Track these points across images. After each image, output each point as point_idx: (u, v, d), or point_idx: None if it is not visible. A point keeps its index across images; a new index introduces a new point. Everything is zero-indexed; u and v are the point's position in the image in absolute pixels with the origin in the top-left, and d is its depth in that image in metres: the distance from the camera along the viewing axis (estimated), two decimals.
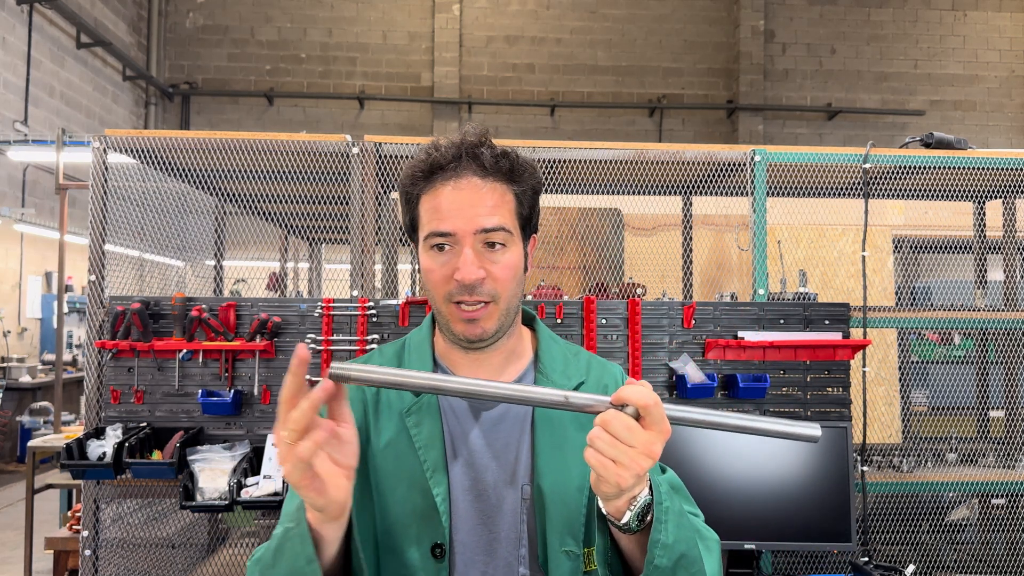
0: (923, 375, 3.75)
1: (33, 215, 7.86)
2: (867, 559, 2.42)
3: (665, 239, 3.13)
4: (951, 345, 3.89)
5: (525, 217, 1.12)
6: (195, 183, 2.74)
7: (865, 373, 2.62)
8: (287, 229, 3.92)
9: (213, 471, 2.21)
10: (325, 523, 0.91)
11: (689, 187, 3.11)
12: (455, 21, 11.12)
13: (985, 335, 3.37)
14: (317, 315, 2.39)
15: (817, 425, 0.90)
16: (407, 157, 2.45)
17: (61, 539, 3.66)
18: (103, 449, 2.25)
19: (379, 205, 2.52)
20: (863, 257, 2.67)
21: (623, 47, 11.36)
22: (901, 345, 3.68)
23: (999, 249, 3.27)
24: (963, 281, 3.50)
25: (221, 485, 2.19)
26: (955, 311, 2.75)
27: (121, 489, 2.39)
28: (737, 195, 2.71)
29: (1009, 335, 2.96)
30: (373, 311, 2.39)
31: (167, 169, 2.66)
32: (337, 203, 3.15)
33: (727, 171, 2.73)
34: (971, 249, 3.38)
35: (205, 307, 2.35)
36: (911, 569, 2.31)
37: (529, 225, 1.13)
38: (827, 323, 2.48)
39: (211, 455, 2.25)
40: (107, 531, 2.41)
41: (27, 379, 7.87)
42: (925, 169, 2.70)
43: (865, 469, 2.54)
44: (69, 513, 4.03)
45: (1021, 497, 2.86)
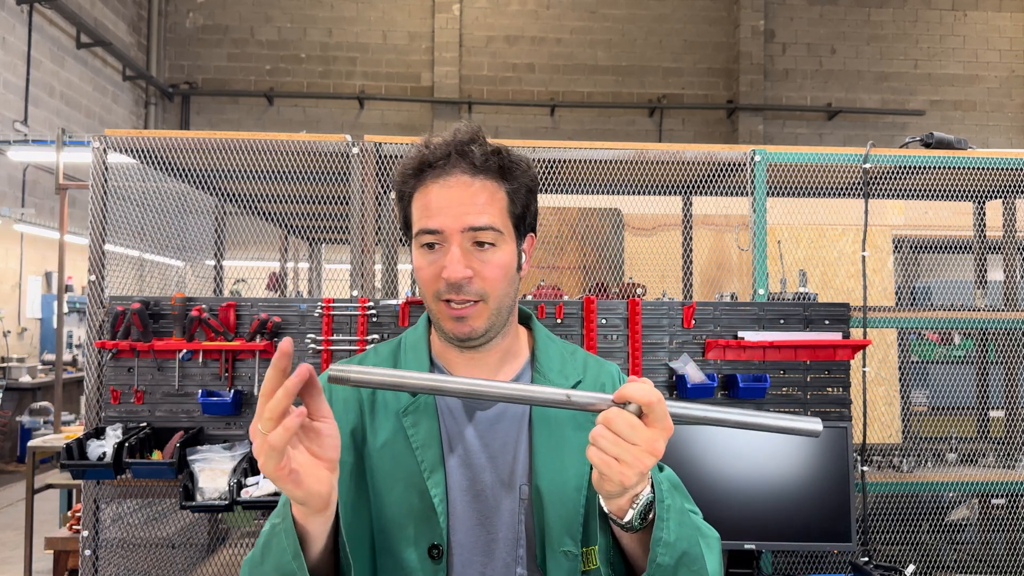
0: (923, 375, 3.75)
1: (33, 215, 7.86)
2: (867, 559, 2.42)
3: (665, 239, 3.13)
4: (951, 345, 3.89)
5: (518, 216, 1.10)
6: (195, 183, 2.74)
7: (865, 373, 2.62)
8: (287, 229, 3.92)
9: (213, 471, 2.21)
10: (309, 517, 0.89)
11: (689, 187, 3.11)
12: (455, 21, 11.12)
13: (985, 335, 3.37)
14: (317, 315, 2.39)
15: (818, 420, 0.90)
16: None
17: (61, 539, 3.66)
18: (103, 449, 2.25)
19: (379, 205, 2.52)
20: (863, 257, 2.67)
21: (623, 47, 11.36)
22: (901, 345, 3.68)
23: (999, 249, 3.27)
24: (963, 281, 3.50)
25: (221, 485, 2.19)
26: (955, 311, 2.75)
27: (121, 489, 2.39)
28: (737, 195, 2.71)
29: (1009, 335, 2.96)
30: (373, 311, 2.39)
31: (167, 169, 2.67)
32: (337, 203, 3.15)
33: (727, 171, 2.73)
34: (971, 249, 3.38)
35: (205, 307, 2.35)
36: (911, 569, 2.31)
37: (523, 224, 1.12)
38: (827, 323, 2.48)
39: (211, 455, 2.25)
40: (107, 531, 2.41)
41: (27, 379, 7.87)
42: (925, 169, 2.70)
43: (865, 469, 2.54)
44: (69, 513, 4.03)
45: (1021, 497, 2.86)
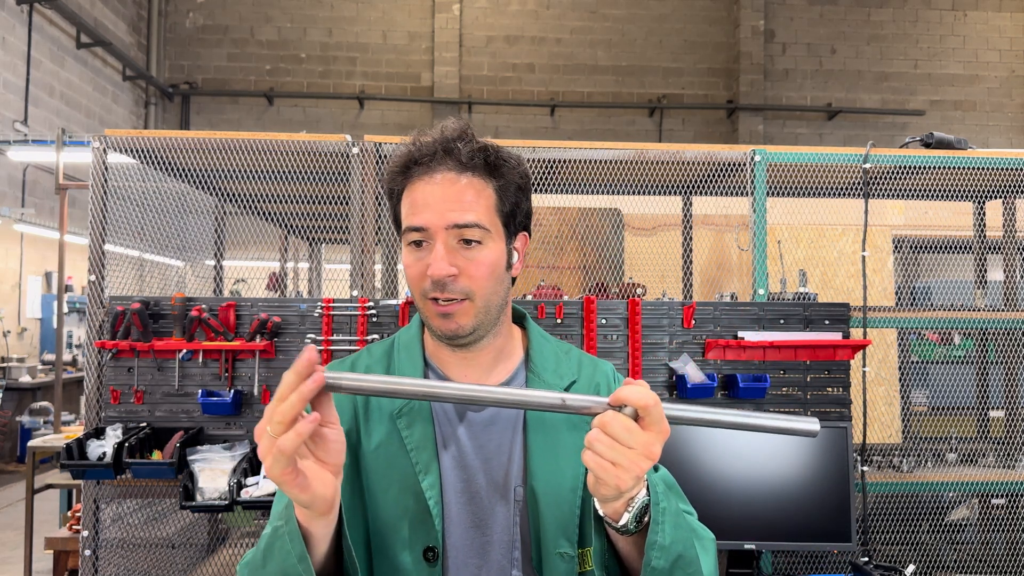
0: (923, 375, 3.75)
1: (33, 215, 7.86)
2: (867, 559, 2.42)
3: (665, 239, 3.13)
4: (951, 345, 3.89)
5: (507, 214, 1.08)
6: (195, 183, 2.74)
7: (865, 373, 2.61)
8: (287, 229, 3.92)
9: (213, 471, 2.21)
10: (314, 520, 0.89)
11: (689, 187, 3.11)
12: (455, 21, 11.12)
13: (985, 335, 3.37)
14: (317, 315, 2.39)
15: (815, 420, 0.90)
16: None
17: (61, 539, 3.66)
18: (103, 449, 2.25)
19: (379, 205, 2.52)
20: (863, 257, 2.67)
21: (623, 47, 11.36)
22: (901, 345, 3.68)
23: (999, 249, 3.27)
24: (963, 281, 3.50)
25: (221, 485, 2.19)
26: (955, 311, 2.75)
27: (121, 489, 2.39)
28: (737, 195, 2.71)
29: (1009, 335, 2.96)
30: (373, 311, 2.39)
31: (167, 169, 2.66)
32: (337, 203, 3.15)
33: (727, 171, 2.73)
34: (971, 249, 3.38)
35: (205, 307, 2.35)
36: (911, 569, 2.31)
37: (514, 222, 1.10)
38: (827, 323, 2.48)
39: (211, 455, 2.25)
40: (107, 531, 2.40)
41: (27, 379, 7.87)
42: (925, 169, 2.70)
43: (865, 469, 2.54)
44: (69, 513, 4.03)
45: (1021, 497, 2.86)
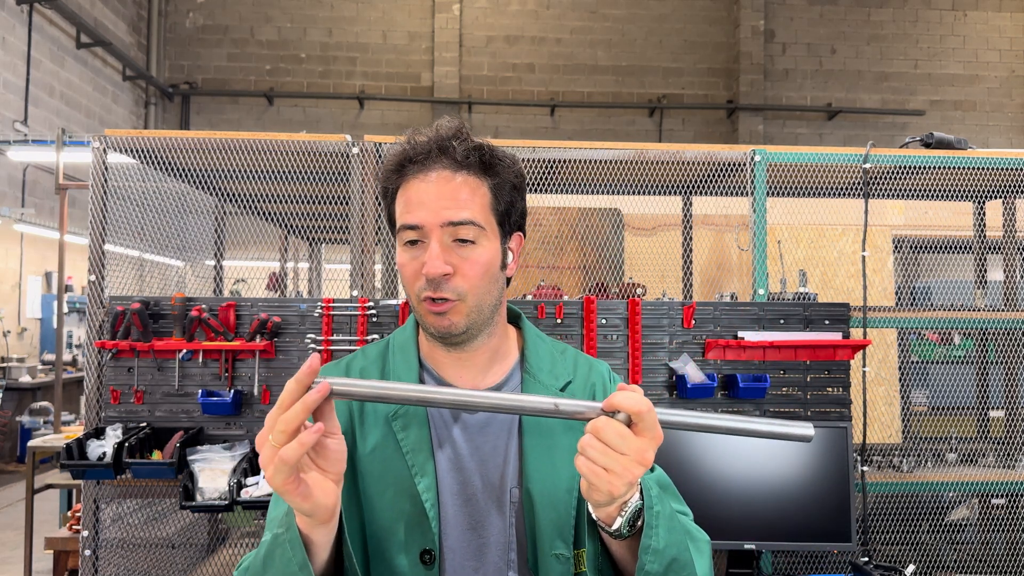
0: (923, 375, 3.75)
1: (33, 215, 7.86)
2: (867, 559, 2.42)
3: (665, 239, 3.13)
4: (951, 345, 3.89)
5: (502, 213, 1.08)
6: (195, 183, 2.74)
7: (865, 373, 2.62)
8: (287, 229, 3.92)
9: (213, 471, 2.21)
10: (315, 527, 0.89)
11: (689, 187, 3.11)
12: (455, 21, 11.12)
13: (985, 335, 3.37)
14: (317, 315, 2.39)
15: (809, 424, 0.89)
16: None
17: (61, 539, 3.66)
18: (103, 449, 2.25)
19: (379, 205, 2.51)
20: (863, 257, 2.67)
21: (623, 47, 11.36)
22: (901, 345, 3.68)
23: (999, 249, 3.27)
24: (963, 281, 3.50)
25: (221, 485, 2.19)
26: (955, 311, 2.75)
27: (121, 489, 2.39)
28: (737, 195, 2.71)
29: (1009, 335, 2.96)
30: (373, 311, 2.39)
31: (167, 169, 2.66)
32: (337, 203, 3.15)
33: (727, 171, 2.73)
34: (971, 249, 3.38)
35: (205, 307, 2.35)
36: (911, 569, 2.31)
37: (508, 221, 1.09)
38: (827, 323, 2.48)
39: (211, 455, 2.25)
40: (107, 531, 2.40)
41: (27, 379, 7.87)
42: (925, 169, 2.70)
43: (865, 469, 2.54)
44: (69, 513, 4.03)
45: (1021, 497, 2.86)
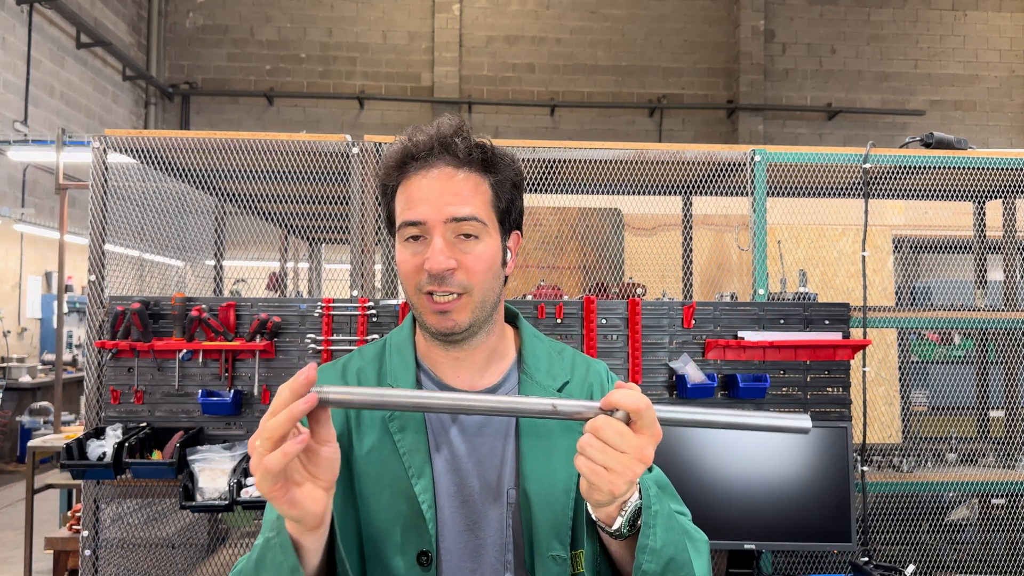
0: (923, 375, 3.75)
1: (33, 215, 7.86)
2: (867, 559, 2.42)
3: (665, 239, 3.13)
4: (951, 345, 3.89)
5: (503, 210, 1.08)
6: (195, 183, 2.74)
7: (865, 373, 2.61)
8: (287, 229, 3.92)
9: (213, 471, 2.21)
10: (304, 533, 0.89)
11: (689, 187, 3.11)
12: (455, 21, 11.12)
13: (985, 335, 3.37)
14: (317, 315, 2.39)
15: (806, 417, 0.89)
16: None
17: (61, 539, 3.66)
18: (103, 449, 2.25)
19: (379, 205, 2.51)
20: (863, 257, 2.67)
21: (623, 47, 11.36)
22: (901, 345, 3.68)
23: (999, 249, 3.27)
24: (963, 281, 3.50)
25: (221, 485, 2.19)
26: (955, 311, 2.75)
27: (121, 489, 2.39)
28: (737, 195, 2.71)
29: (1009, 335, 2.96)
30: (373, 311, 2.39)
31: (167, 169, 2.66)
32: (337, 203, 3.15)
33: (727, 171, 2.73)
34: (971, 249, 3.38)
35: (205, 307, 2.35)
36: (911, 569, 2.31)
37: (508, 219, 1.10)
38: (827, 323, 2.48)
39: (211, 455, 2.25)
40: (107, 531, 2.40)
41: (27, 379, 7.87)
42: (925, 169, 2.70)
43: (865, 469, 2.54)
44: (69, 513, 4.03)
45: (1021, 497, 2.86)
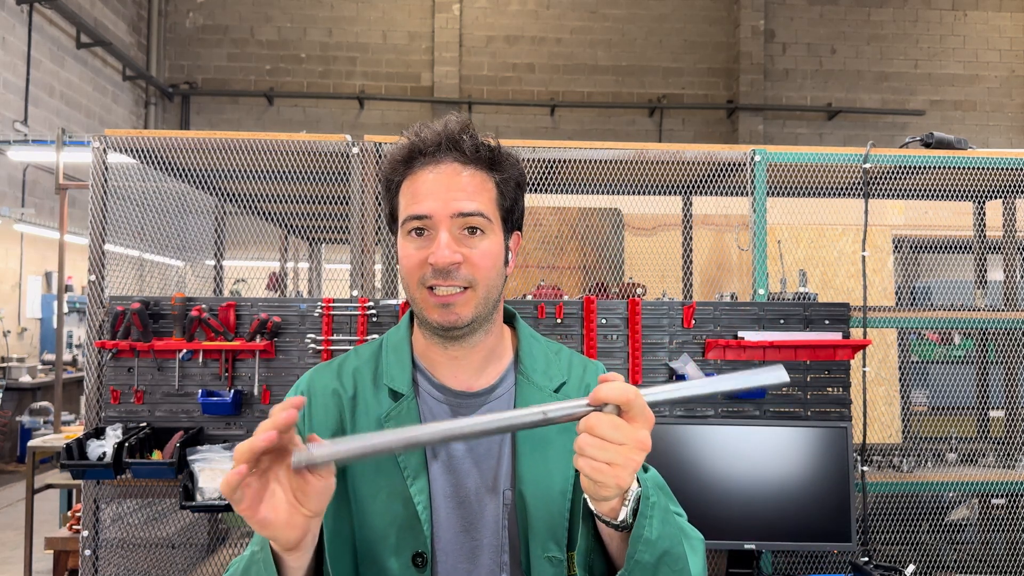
0: (923, 375, 3.75)
1: (33, 215, 7.87)
2: (867, 559, 2.42)
3: (665, 239, 3.13)
4: (951, 345, 3.89)
5: (507, 209, 1.09)
6: (195, 183, 2.74)
7: (865, 373, 2.61)
8: (287, 229, 3.92)
9: (213, 471, 2.21)
10: (285, 552, 0.88)
11: (689, 187, 3.11)
12: (455, 21, 11.12)
13: (985, 335, 3.37)
14: (317, 315, 2.39)
15: (780, 366, 0.88)
16: None
17: (61, 539, 3.66)
18: (103, 449, 2.25)
19: (379, 205, 2.52)
20: (863, 257, 2.67)
21: (623, 47, 11.36)
22: (901, 345, 3.68)
23: (999, 249, 3.27)
24: (963, 281, 3.49)
25: None
26: (955, 311, 2.75)
27: (121, 489, 2.39)
28: (737, 195, 2.71)
29: (1009, 335, 2.96)
30: (373, 311, 2.39)
31: (167, 169, 2.66)
32: (337, 203, 3.15)
33: (727, 171, 2.73)
34: (971, 249, 3.38)
35: (205, 307, 2.35)
36: (911, 569, 2.31)
37: (511, 218, 1.11)
38: (827, 323, 2.48)
39: (211, 455, 2.25)
40: (107, 531, 2.41)
41: (27, 379, 7.87)
42: (925, 169, 2.70)
43: (865, 469, 2.54)
44: (69, 513, 4.03)
45: (1021, 497, 2.86)
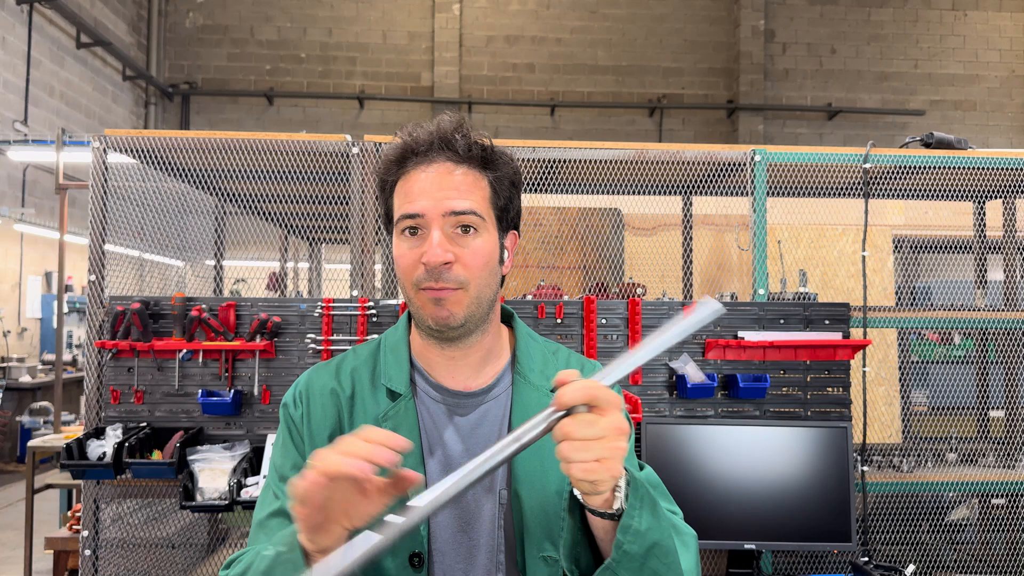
0: (923, 375, 3.75)
1: (33, 215, 7.87)
2: (867, 559, 2.42)
3: (665, 239, 3.13)
4: (951, 345, 3.89)
5: (501, 207, 1.09)
6: (195, 183, 2.74)
7: (865, 373, 2.61)
8: (287, 229, 3.92)
9: (213, 471, 2.21)
10: (318, 553, 0.88)
11: (689, 187, 3.11)
12: (455, 21, 11.12)
13: (985, 335, 3.37)
14: (317, 315, 2.39)
15: (708, 297, 0.92)
16: None
17: (61, 539, 3.66)
18: (103, 449, 2.25)
19: (378, 205, 2.52)
20: (863, 257, 2.67)
21: (623, 47, 11.36)
22: (901, 345, 3.68)
23: (999, 249, 3.27)
24: (963, 281, 3.49)
25: (221, 485, 2.19)
26: (955, 311, 2.75)
27: (121, 489, 2.39)
28: (737, 195, 2.71)
29: (1009, 335, 2.96)
30: (373, 311, 2.39)
31: (167, 169, 2.66)
32: (337, 203, 3.15)
33: (727, 171, 2.73)
34: (971, 249, 3.38)
35: (205, 307, 2.35)
36: (911, 569, 2.31)
37: (506, 217, 1.10)
38: (827, 323, 2.48)
39: (211, 455, 2.25)
40: (107, 531, 2.41)
41: (27, 379, 7.87)
42: (925, 169, 2.70)
43: (865, 469, 2.54)
44: (69, 513, 4.03)
45: (1021, 497, 2.86)
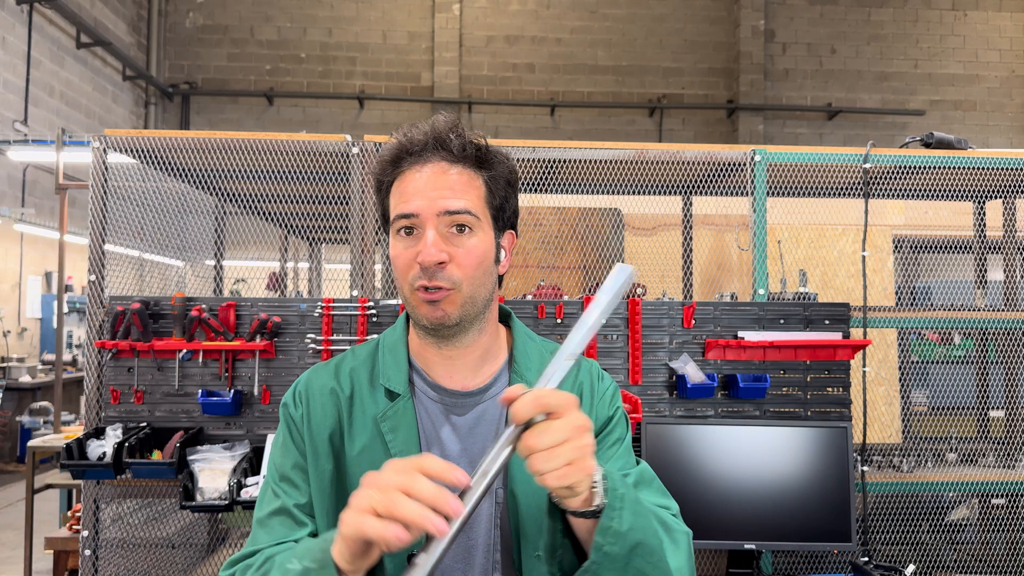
0: (923, 375, 3.75)
1: (33, 215, 7.87)
2: (867, 559, 2.42)
3: (665, 239, 3.13)
4: (951, 345, 3.89)
5: (497, 207, 1.09)
6: (195, 183, 2.74)
7: (865, 373, 2.62)
8: (287, 229, 3.92)
9: (213, 471, 2.21)
10: (352, 573, 0.89)
11: (689, 187, 3.11)
12: (455, 21, 11.12)
13: (985, 335, 3.37)
14: (317, 315, 2.39)
15: (620, 264, 0.95)
16: None
17: (61, 539, 3.66)
18: (103, 449, 2.25)
19: (376, 205, 2.52)
20: (863, 257, 2.67)
21: (623, 47, 11.36)
22: (901, 345, 3.68)
23: (999, 249, 3.27)
24: (963, 281, 3.50)
25: (221, 485, 2.19)
26: (955, 311, 2.75)
27: (121, 489, 2.39)
28: (737, 195, 2.71)
29: (1009, 335, 2.96)
30: (373, 311, 2.39)
31: (167, 169, 2.66)
32: (337, 203, 3.15)
33: (727, 171, 2.73)
34: (971, 249, 3.38)
35: (205, 307, 2.35)
36: (911, 569, 2.31)
37: (502, 216, 1.11)
38: (827, 323, 2.48)
39: (211, 455, 2.25)
40: (107, 531, 2.41)
41: (27, 379, 7.87)
42: (925, 169, 2.70)
43: (865, 469, 2.54)
44: (69, 513, 4.03)
45: (1021, 497, 2.86)
